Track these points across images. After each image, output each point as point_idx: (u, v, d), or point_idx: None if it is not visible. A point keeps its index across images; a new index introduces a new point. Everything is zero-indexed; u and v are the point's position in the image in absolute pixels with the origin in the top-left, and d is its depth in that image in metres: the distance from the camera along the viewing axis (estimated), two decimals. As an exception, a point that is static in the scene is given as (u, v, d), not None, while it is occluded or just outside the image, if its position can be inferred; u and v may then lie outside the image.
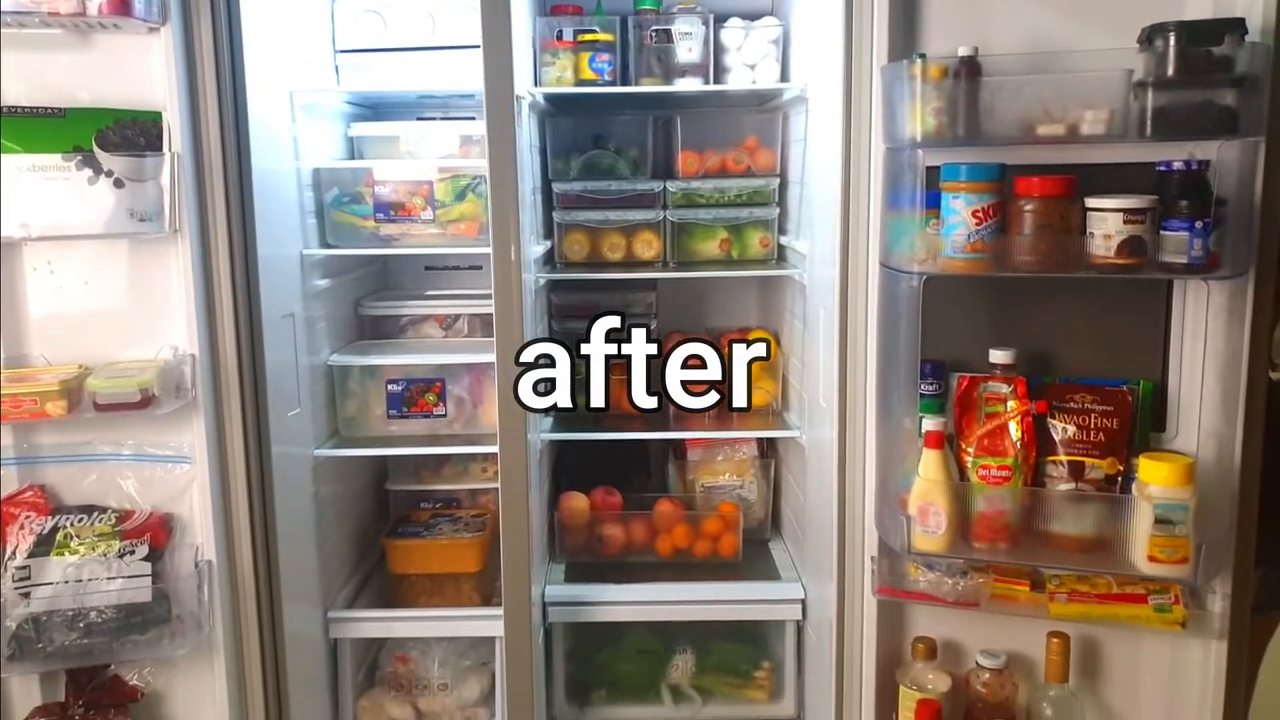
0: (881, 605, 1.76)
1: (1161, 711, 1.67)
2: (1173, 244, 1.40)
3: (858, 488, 1.78)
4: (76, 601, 1.65)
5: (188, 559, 1.76)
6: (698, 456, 2.54)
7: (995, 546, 1.57)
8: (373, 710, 2.25)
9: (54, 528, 1.69)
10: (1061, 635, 1.64)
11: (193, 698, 1.83)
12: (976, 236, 1.47)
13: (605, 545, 2.43)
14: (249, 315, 1.83)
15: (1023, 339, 1.64)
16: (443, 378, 2.27)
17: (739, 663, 2.35)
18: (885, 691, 1.78)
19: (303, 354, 2.10)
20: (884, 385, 1.65)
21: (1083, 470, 1.55)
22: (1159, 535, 1.46)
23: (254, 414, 1.85)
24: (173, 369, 1.70)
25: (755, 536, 2.52)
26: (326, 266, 2.26)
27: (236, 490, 1.81)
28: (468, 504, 2.59)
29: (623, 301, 2.58)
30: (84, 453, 1.75)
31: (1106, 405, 1.56)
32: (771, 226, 2.38)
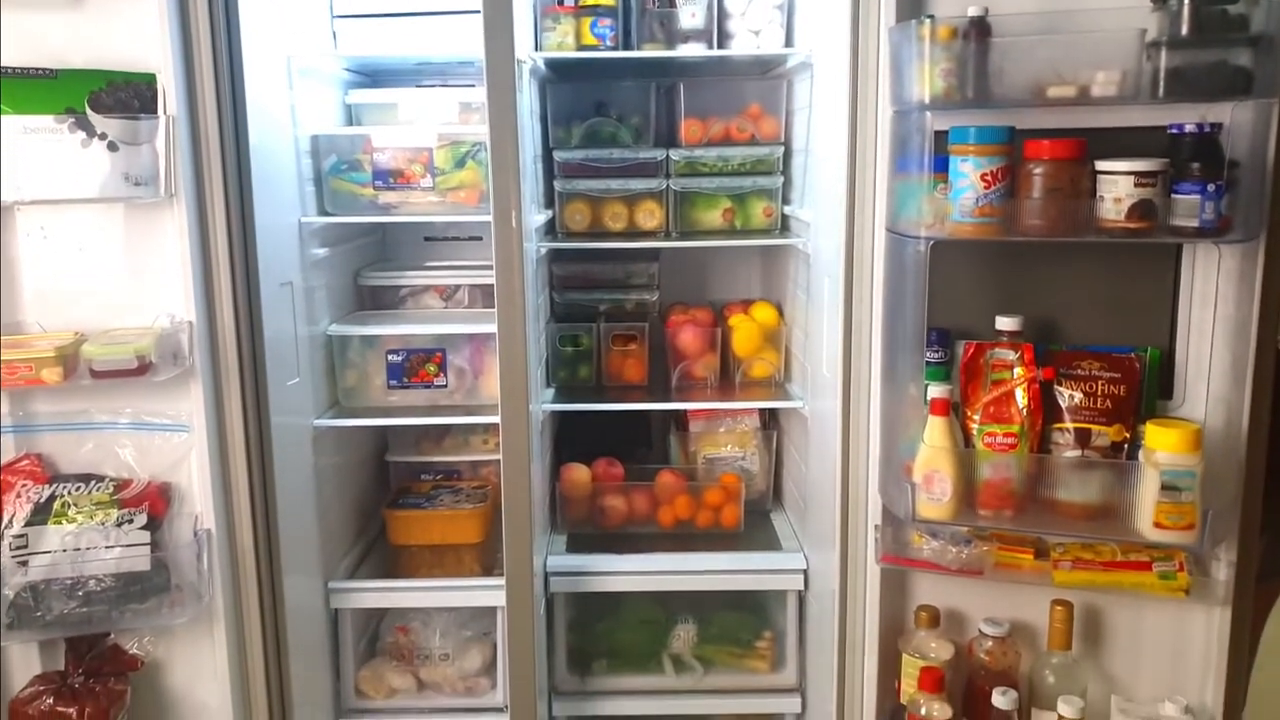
0: (884, 574, 1.75)
1: (1164, 679, 1.66)
2: (1184, 207, 1.38)
3: (861, 456, 1.77)
4: (75, 570, 1.64)
5: (186, 528, 1.75)
6: (699, 428, 2.53)
7: (1000, 514, 1.56)
8: (374, 680, 2.25)
9: (51, 496, 1.68)
10: (1065, 603, 1.63)
11: (193, 667, 1.82)
12: (985, 200, 1.45)
13: (607, 516, 2.42)
14: (247, 282, 1.81)
15: (1030, 306, 1.62)
16: (443, 348, 2.25)
17: (740, 632, 2.34)
18: (888, 660, 1.78)
19: (301, 323, 2.08)
20: (889, 352, 1.63)
21: (1089, 437, 1.54)
22: (1165, 502, 1.45)
23: (253, 383, 1.83)
24: (170, 336, 1.68)
25: (757, 507, 2.51)
26: (325, 235, 2.24)
27: (235, 459, 1.80)
28: (469, 476, 2.59)
29: (624, 273, 2.56)
30: (81, 421, 1.74)
31: (1114, 372, 1.55)
32: (775, 196, 2.36)
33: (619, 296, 2.54)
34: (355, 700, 2.24)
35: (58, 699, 1.65)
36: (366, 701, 2.25)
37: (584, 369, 2.45)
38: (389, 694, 2.25)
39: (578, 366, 2.45)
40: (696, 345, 2.42)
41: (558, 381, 2.45)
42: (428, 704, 2.26)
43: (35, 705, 1.65)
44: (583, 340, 2.44)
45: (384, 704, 2.25)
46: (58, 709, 1.64)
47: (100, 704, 1.66)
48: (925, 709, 1.64)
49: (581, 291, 2.55)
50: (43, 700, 1.65)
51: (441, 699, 2.26)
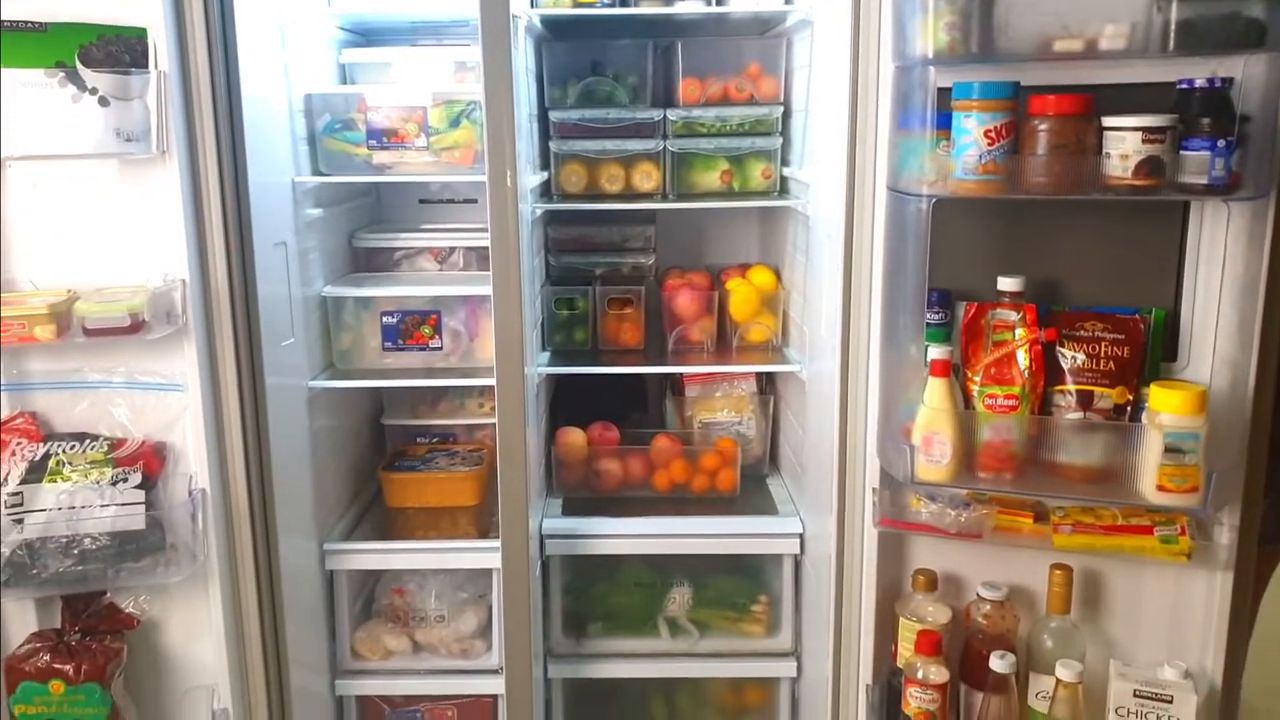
0: (882, 537, 1.74)
1: (1163, 644, 1.66)
2: (1193, 164, 1.36)
3: (859, 419, 1.76)
4: (70, 528, 1.64)
5: (181, 488, 1.74)
6: (696, 393, 2.52)
7: (1000, 476, 1.55)
8: (369, 642, 2.25)
9: (45, 455, 1.66)
10: (1064, 567, 1.63)
11: (189, 626, 1.82)
12: (988, 157, 1.42)
13: (602, 480, 2.42)
14: (240, 242, 1.79)
15: (1033, 267, 1.60)
16: (438, 310, 2.23)
17: (736, 596, 2.34)
18: (884, 624, 1.78)
19: (295, 285, 2.06)
20: (889, 313, 1.62)
21: (1091, 399, 1.53)
22: (1168, 464, 1.44)
23: (246, 342, 1.81)
24: (163, 295, 1.66)
25: (753, 473, 2.51)
26: (319, 195, 2.21)
27: (230, 419, 1.79)
28: (464, 439, 2.58)
29: (620, 236, 2.54)
30: (75, 380, 1.72)
31: (1117, 333, 1.53)
32: (774, 157, 2.33)
33: (615, 260, 2.52)
34: (351, 661, 2.25)
35: (54, 656, 1.65)
36: (362, 662, 2.25)
37: (580, 332, 2.44)
38: (384, 655, 2.26)
39: (573, 330, 2.44)
40: (693, 309, 2.41)
41: (553, 345, 2.43)
42: (423, 665, 2.26)
43: (31, 662, 1.64)
44: (578, 304, 2.42)
45: (379, 665, 2.25)
46: (54, 665, 1.64)
47: (96, 661, 1.66)
48: (922, 672, 1.64)
49: (577, 255, 2.53)
50: (39, 657, 1.65)
51: (437, 660, 2.26)
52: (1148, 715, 1.55)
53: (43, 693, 1.63)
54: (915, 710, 1.64)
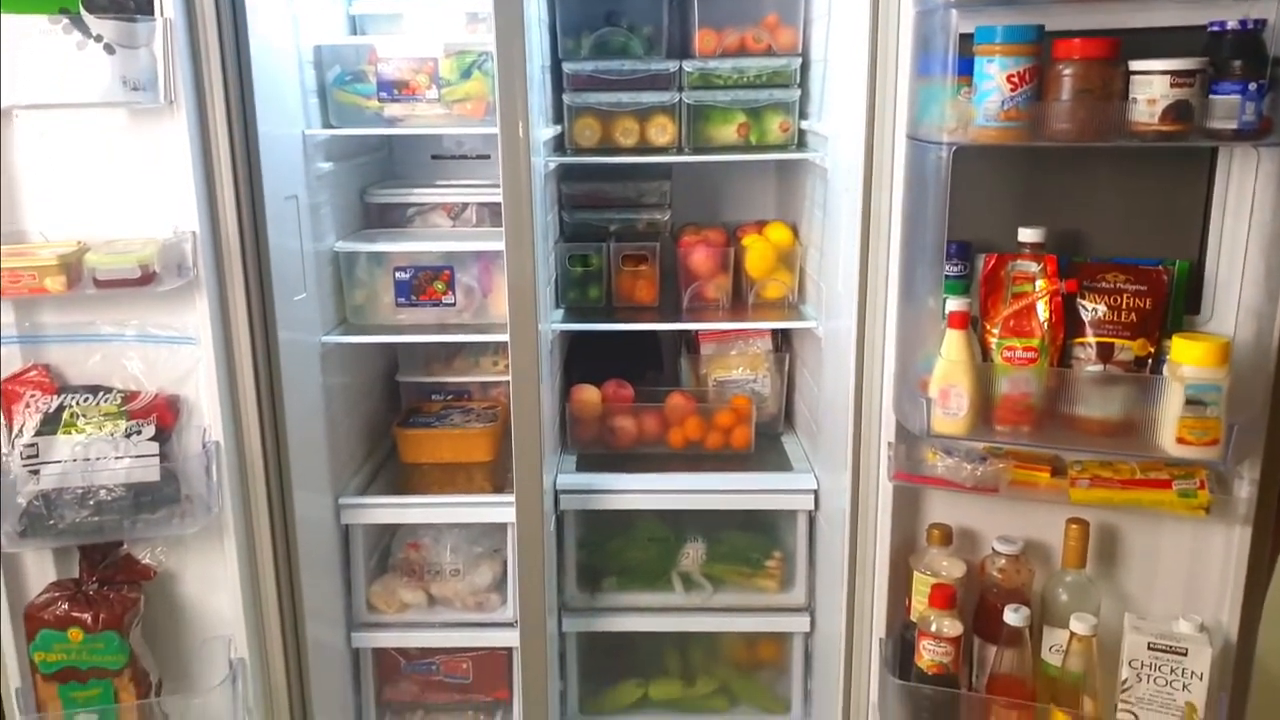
0: (897, 491, 1.73)
1: (1179, 598, 1.64)
2: (1222, 108, 1.32)
3: (875, 373, 1.74)
4: (85, 480, 1.64)
5: (195, 440, 1.74)
6: (711, 350, 2.50)
7: (1018, 429, 1.53)
8: (385, 595, 2.27)
9: (60, 406, 1.67)
10: (1081, 522, 1.61)
11: (205, 577, 1.83)
12: (1011, 103, 1.39)
13: (617, 437, 2.41)
14: (250, 194, 1.77)
15: (1054, 218, 1.57)
16: (451, 266, 2.22)
17: (750, 552, 2.35)
18: (898, 578, 1.77)
19: (307, 239, 2.05)
20: (907, 265, 1.59)
21: (1112, 352, 1.50)
22: (1189, 417, 1.41)
23: (259, 296, 1.81)
24: (173, 246, 1.65)
25: (768, 430, 2.50)
26: (330, 149, 2.19)
27: (243, 372, 1.78)
28: (479, 397, 2.58)
29: (635, 191, 2.51)
30: (88, 332, 1.72)
31: (1140, 285, 1.50)
32: (792, 110, 2.29)
33: (630, 216, 2.50)
34: (367, 614, 2.26)
35: (72, 605, 1.66)
36: (378, 615, 2.27)
37: (594, 290, 2.42)
38: (400, 608, 2.27)
39: (587, 287, 2.42)
40: (708, 266, 2.38)
41: (567, 302, 2.42)
42: (438, 618, 2.28)
43: (50, 610, 1.66)
44: (592, 260, 2.40)
45: (395, 618, 2.27)
46: (72, 614, 1.65)
47: (114, 610, 1.67)
48: (935, 625, 1.64)
49: (591, 211, 2.50)
50: (58, 605, 1.66)
51: (452, 614, 2.28)
52: (1162, 668, 1.54)
53: (62, 640, 1.65)
54: (928, 663, 1.64)
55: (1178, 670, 1.54)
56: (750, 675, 2.43)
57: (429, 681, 2.35)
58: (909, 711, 1.70)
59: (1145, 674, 1.56)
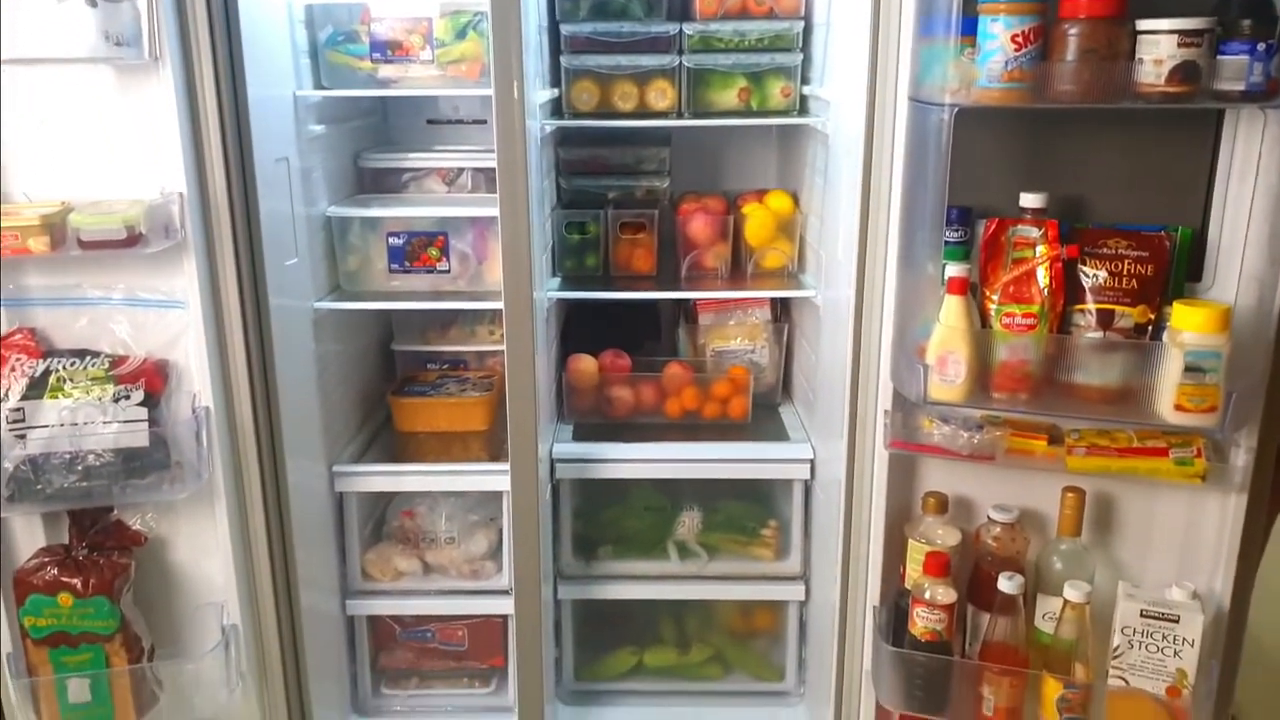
0: (893, 460, 1.72)
1: (1173, 567, 1.64)
2: (1230, 69, 1.29)
3: (873, 340, 1.72)
4: (73, 445, 1.63)
5: (185, 405, 1.73)
6: (709, 320, 2.48)
7: (1015, 397, 1.52)
8: (380, 563, 2.26)
9: (46, 371, 1.65)
10: (1077, 490, 1.60)
11: (197, 544, 1.83)
12: (1015, 64, 1.36)
13: (613, 406, 2.39)
14: (240, 154, 1.74)
15: (1056, 184, 1.55)
16: (445, 232, 2.19)
17: (746, 521, 2.34)
18: (893, 547, 1.76)
19: (299, 203, 2.02)
20: (907, 230, 1.57)
21: (1112, 319, 1.49)
22: (1188, 384, 1.40)
23: (249, 260, 1.78)
24: (160, 208, 1.62)
25: (766, 401, 2.48)
26: (322, 111, 2.16)
27: (233, 336, 1.76)
28: (475, 366, 2.56)
29: (634, 158, 2.47)
30: (74, 295, 1.70)
31: (1141, 251, 1.48)
32: (794, 75, 2.25)
33: (628, 183, 2.46)
34: (362, 582, 2.26)
35: (61, 570, 1.66)
36: (373, 583, 2.26)
37: (591, 258, 2.39)
38: (395, 576, 2.26)
39: (584, 255, 2.39)
40: (707, 234, 2.36)
41: (564, 270, 2.39)
42: (434, 586, 2.27)
43: (40, 575, 1.65)
44: (590, 228, 2.37)
45: (390, 585, 2.26)
46: (61, 579, 1.64)
47: (104, 575, 1.66)
48: (929, 593, 1.63)
49: (589, 178, 2.47)
50: (47, 570, 1.66)
51: (447, 581, 2.27)
52: (1154, 635, 1.54)
53: (52, 605, 1.64)
54: (922, 630, 1.64)
55: (1169, 637, 1.54)
56: (745, 643, 2.43)
57: (424, 649, 2.34)
58: (902, 679, 1.70)
59: (1137, 641, 1.56)
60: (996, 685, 1.62)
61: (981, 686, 1.64)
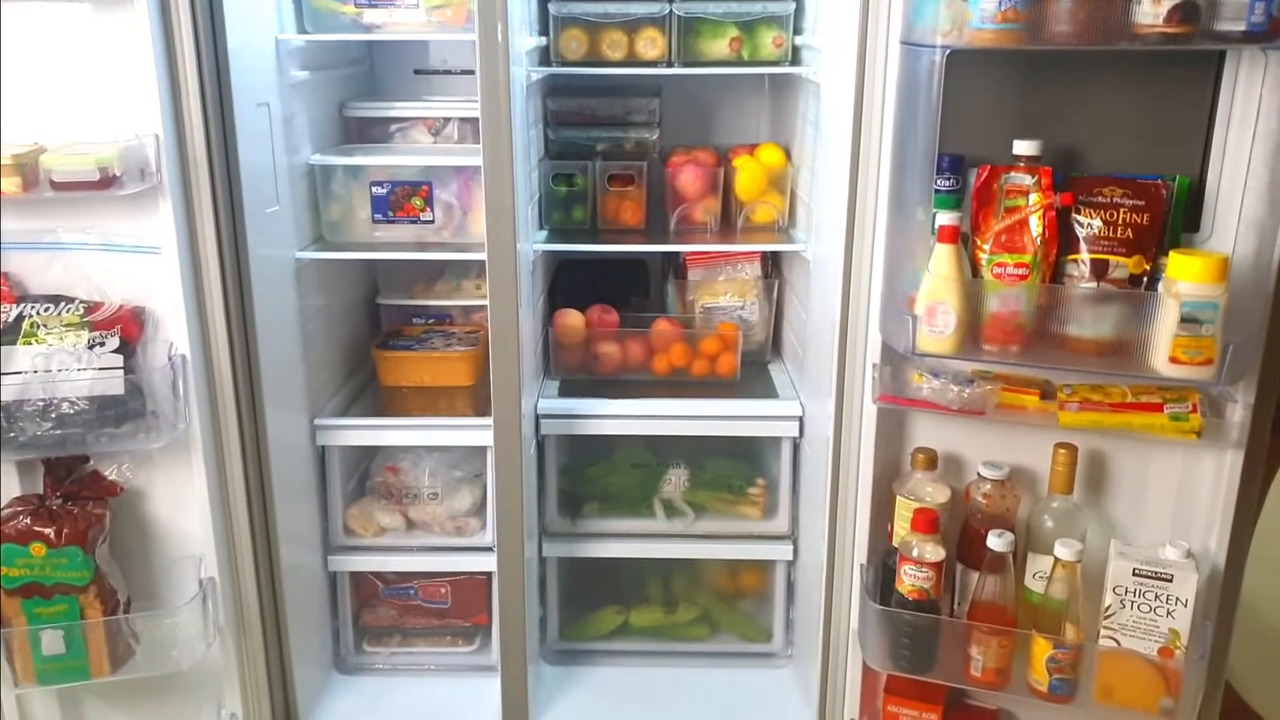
0: (881, 415, 1.69)
1: (1166, 526, 1.62)
2: (1230, 9, 1.25)
3: (862, 293, 1.69)
4: (47, 392, 1.60)
5: (161, 354, 1.69)
6: (698, 276, 2.44)
7: (1006, 349, 1.48)
8: (362, 519, 2.24)
9: (19, 316, 1.62)
10: (1069, 446, 1.58)
11: (175, 496, 1.80)
12: (1009, 3, 1.32)
13: (600, 363, 2.36)
14: (218, 97, 1.70)
15: (1051, 132, 1.51)
16: (429, 181, 2.14)
17: (733, 479, 2.31)
18: (881, 504, 1.74)
19: (281, 150, 1.97)
20: (897, 176, 1.53)
21: (1106, 269, 1.45)
22: (1183, 335, 1.37)
23: (227, 205, 1.74)
24: (135, 150, 1.58)
25: (755, 359, 2.45)
26: (305, 57, 2.11)
27: (210, 284, 1.73)
28: (461, 321, 2.52)
29: (623, 109, 2.43)
30: (48, 240, 1.66)
31: (1138, 200, 1.44)
32: (786, 24, 2.20)
33: (617, 134, 2.41)
34: (344, 537, 2.23)
35: (35, 519, 1.62)
36: (355, 539, 2.24)
37: (578, 211, 2.35)
38: (378, 532, 2.24)
39: (572, 208, 2.35)
40: (697, 187, 2.31)
41: (551, 223, 2.35)
42: (416, 542, 2.25)
43: (12, 524, 1.62)
44: (577, 180, 2.33)
45: (373, 541, 2.24)
46: (34, 528, 1.61)
47: (78, 525, 1.63)
48: (917, 550, 1.61)
49: (578, 129, 2.42)
50: (19, 520, 1.63)
51: (431, 538, 2.25)
52: (1146, 594, 1.52)
53: (24, 555, 1.62)
54: (909, 588, 1.62)
55: (1162, 597, 1.52)
56: (732, 603, 2.41)
57: (407, 606, 2.32)
58: (889, 638, 1.68)
59: (1129, 600, 1.53)
60: (985, 645, 1.61)
61: (970, 646, 1.62)
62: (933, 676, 1.68)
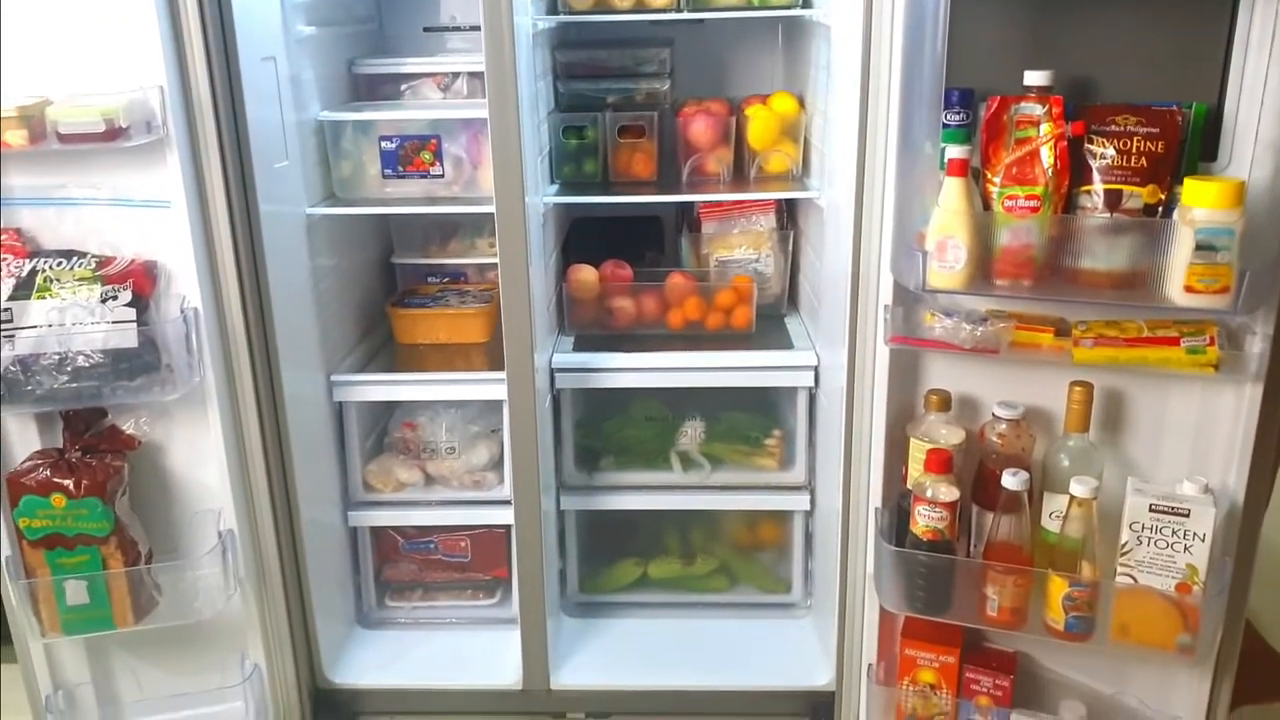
0: (894, 357, 1.67)
1: (1184, 461, 1.59)
2: (1246, -77, 1.22)
3: (874, 235, 1.68)
4: (62, 345, 1.61)
5: (174, 307, 1.71)
6: (712, 229, 2.42)
7: (1018, 284, 1.46)
8: (381, 474, 2.26)
9: (33, 271, 1.63)
10: (1084, 384, 1.55)
11: (193, 451, 1.82)
12: (1017, -74, 1.29)
13: (614, 318, 2.36)
14: (224, 50, 1.70)
15: (1062, 63, 1.47)
16: (438, 135, 2.14)
17: (749, 431, 2.31)
18: (895, 447, 1.73)
19: (289, 106, 1.98)
20: (906, 113, 1.50)
21: (1120, 199, 1.42)
22: (1198, 263, 1.34)
23: (236, 159, 1.75)
24: (140, 102, 1.59)
25: (771, 312, 2.43)
26: (311, 12, 2.10)
27: (220, 237, 1.74)
28: (475, 279, 2.53)
29: (633, 60, 2.39)
30: (59, 196, 1.67)
31: (1152, 127, 1.41)
32: (797, -33, 2.17)
33: (628, 86, 2.38)
34: (363, 493, 2.26)
35: (54, 470, 1.65)
36: (374, 494, 2.26)
37: (589, 164, 2.33)
38: (397, 487, 2.26)
39: (582, 161, 2.33)
40: (709, 137, 2.29)
41: (562, 177, 2.33)
42: (435, 496, 2.26)
43: (33, 476, 1.65)
44: (588, 133, 2.31)
45: (392, 496, 2.26)
46: (54, 480, 1.64)
47: (96, 477, 1.66)
48: (931, 490, 1.60)
49: (587, 81, 2.39)
50: (40, 472, 1.65)
51: (449, 492, 2.27)
52: (1164, 530, 1.50)
53: (45, 505, 1.64)
54: (923, 529, 1.61)
55: (1179, 532, 1.49)
56: (750, 555, 2.42)
57: (428, 560, 2.35)
58: (904, 580, 1.68)
59: (1146, 536, 1.51)
60: (1001, 585, 1.59)
61: (985, 586, 1.61)
62: (948, 617, 1.67)
